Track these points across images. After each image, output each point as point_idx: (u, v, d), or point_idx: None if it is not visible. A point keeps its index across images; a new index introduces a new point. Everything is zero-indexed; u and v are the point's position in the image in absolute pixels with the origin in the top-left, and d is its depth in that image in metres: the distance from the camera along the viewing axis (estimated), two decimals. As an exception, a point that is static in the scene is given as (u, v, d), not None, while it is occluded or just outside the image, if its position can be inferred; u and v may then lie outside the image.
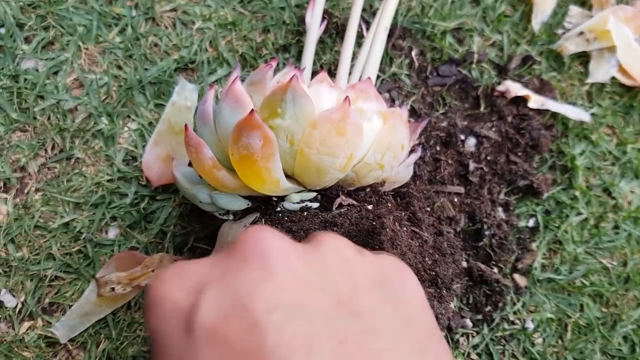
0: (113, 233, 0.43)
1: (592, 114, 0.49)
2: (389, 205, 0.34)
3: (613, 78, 0.51)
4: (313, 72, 0.43)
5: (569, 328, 0.43)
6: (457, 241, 0.37)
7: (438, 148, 0.46)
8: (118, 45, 0.47)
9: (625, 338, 0.44)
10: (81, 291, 0.41)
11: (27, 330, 0.40)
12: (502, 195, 0.46)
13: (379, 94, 0.35)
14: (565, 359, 0.42)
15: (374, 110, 0.34)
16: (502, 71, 0.50)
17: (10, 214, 0.42)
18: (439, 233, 0.36)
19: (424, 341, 0.20)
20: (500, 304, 0.43)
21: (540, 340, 0.43)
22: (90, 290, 0.41)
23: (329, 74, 0.38)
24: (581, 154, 0.48)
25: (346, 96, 0.30)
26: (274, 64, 0.35)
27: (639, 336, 0.43)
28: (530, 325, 0.43)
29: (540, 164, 0.48)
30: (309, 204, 0.34)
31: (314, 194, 0.34)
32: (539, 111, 0.48)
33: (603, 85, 0.51)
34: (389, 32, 0.42)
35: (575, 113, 0.48)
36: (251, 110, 0.29)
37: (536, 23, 0.52)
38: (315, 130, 0.30)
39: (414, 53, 0.50)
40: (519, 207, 0.46)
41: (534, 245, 0.45)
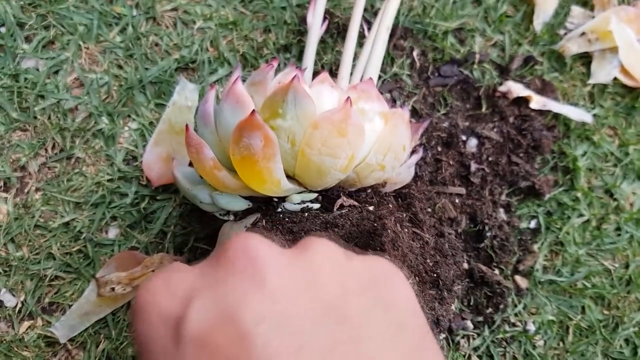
0: (113, 233, 0.43)
1: (594, 115, 0.49)
2: (390, 206, 0.34)
3: (615, 79, 0.50)
4: (314, 72, 0.42)
5: (571, 330, 0.43)
6: (459, 242, 0.37)
7: (439, 149, 0.46)
8: (119, 44, 0.47)
9: (626, 341, 0.43)
10: (81, 291, 0.41)
11: (27, 329, 0.40)
12: (504, 197, 0.46)
13: (380, 94, 0.35)
14: (567, 361, 0.42)
15: (376, 111, 0.34)
16: (504, 72, 0.50)
17: (11, 213, 0.42)
18: (440, 234, 0.36)
19: (416, 345, 0.20)
20: (501, 306, 0.43)
21: (541, 342, 0.43)
22: (90, 290, 0.41)
23: (330, 74, 0.38)
24: (583, 155, 0.48)
25: (348, 97, 0.30)
26: (275, 64, 0.35)
27: (640, 338, 0.43)
28: (531, 327, 0.43)
29: (542, 165, 0.48)
30: (309, 204, 0.34)
31: (315, 195, 0.34)
32: (541, 112, 0.48)
33: (605, 86, 0.51)
34: (390, 32, 0.42)
35: (577, 114, 0.48)
36: (252, 111, 0.29)
37: (538, 23, 0.52)
38: (317, 130, 0.30)
39: (415, 53, 0.50)
40: (521, 209, 0.46)
41: (536, 247, 0.45)
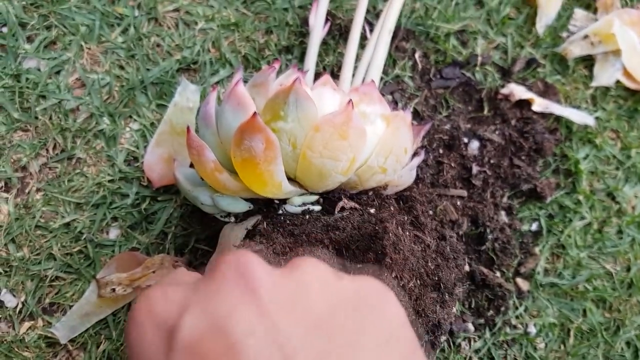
0: (114, 234, 0.43)
1: (597, 118, 0.49)
2: (392, 209, 0.34)
3: (618, 82, 0.50)
4: (316, 74, 0.42)
5: (572, 333, 0.43)
6: (460, 245, 0.37)
7: (441, 151, 0.46)
8: (120, 45, 0.47)
9: (628, 344, 0.43)
10: (82, 292, 0.41)
11: (28, 330, 0.40)
12: (505, 199, 0.46)
13: (382, 96, 0.35)
14: (568, 364, 0.42)
15: (377, 114, 0.33)
16: (506, 74, 0.50)
17: (11, 213, 0.42)
18: (442, 237, 0.36)
19: (405, 358, 0.20)
20: (502, 308, 0.42)
21: (542, 345, 0.43)
22: (90, 290, 0.41)
23: (331, 76, 0.37)
24: (585, 158, 0.48)
25: (349, 99, 0.30)
26: (277, 66, 0.35)
27: (641, 342, 0.43)
28: (532, 329, 0.43)
29: (544, 168, 0.47)
30: (311, 207, 0.34)
31: (316, 197, 0.34)
32: (543, 114, 0.48)
33: (607, 89, 0.50)
34: (392, 34, 0.42)
35: (579, 117, 0.48)
36: (254, 113, 0.29)
37: (540, 26, 0.52)
38: (318, 133, 0.30)
39: (417, 55, 0.49)
40: (522, 211, 0.46)
41: (537, 250, 0.45)
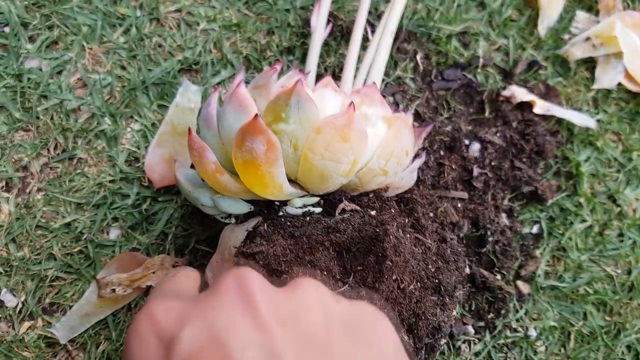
0: (114, 234, 0.43)
1: (598, 120, 0.49)
2: (393, 211, 0.34)
3: (619, 84, 0.50)
4: (317, 75, 0.42)
5: (572, 336, 0.43)
6: (461, 248, 0.37)
7: (442, 153, 0.46)
8: (122, 45, 0.47)
9: (628, 347, 0.43)
10: (82, 292, 0.41)
11: (27, 330, 0.40)
12: (506, 201, 0.46)
13: (383, 98, 0.35)
14: (568, 367, 0.42)
15: (379, 116, 0.33)
16: (508, 76, 0.50)
17: (12, 213, 0.42)
18: (443, 240, 0.36)
19: None
20: (502, 311, 0.42)
21: (542, 348, 0.43)
22: (90, 291, 0.41)
23: (332, 77, 0.37)
24: (586, 160, 0.48)
25: (351, 102, 0.30)
26: (278, 67, 0.35)
27: (642, 345, 0.43)
28: (532, 333, 0.43)
29: (545, 170, 0.47)
30: (311, 208, 0.34)
31: (316, 199, 0.34)
32: (544, 117, 0.48)
33: (609, 91, 0.50)
34: (394, 35, 0.42)
35: (580, 119, 0.48)
36: (255, 115, 0.29)
37: (542, 28, 0.52)
38: (320, 135, 0.30)
39: (418, 57, 0.49)
40: (523, 214, 0.46)
41: (538, 252, 0.45)
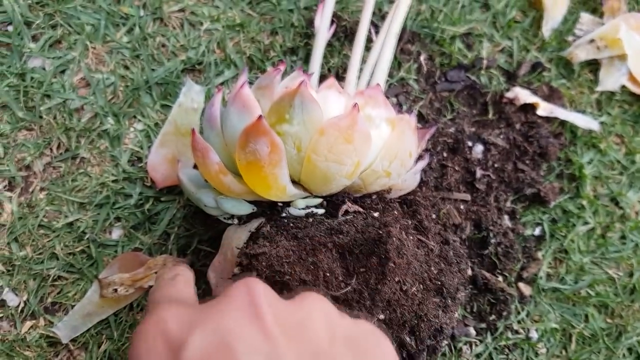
0: (117, 234, 0.43)
1: (601, 123, 0.49)
2: (396, 213, 0.34)
3: (623, 86, 0.50)
4: (321, 76, 0.42)
5: (574, 338, 0.43)
6: (463, 250, 0.37)
7: (445, 154, 0.45)
8: (125, 45, 0.47)
9: (630, 350, 0.43)
10: (84, 291, 0.41)
11: (29, 329, 0.40)
12: (509, 203, 0.46)
13: (387, 100, 0.35)
14: (569, 369, 0.42)
15: (383, 117, 0.33)
16: (511, 77, 0.50)
17: (15, 212, 0.42)
18: (445, 242, 0.36)
19: None
20: (504, 313, 0.42)
21: (544, 350, 0.43)
22: (92, 290, 0.41)
23: (336, 78, 0.37)
24: (589, 162, 0.48)
25: (355, 103, 0.30)
26: (282, 68, 0.35)
27: (644, 348, 0.43)
28: (534, 334, 0.43)
29: (548, 172, 0.47)
30: (314, 210, 0.34)
31: (319, 200, 0.34)
32: (548, 119, 0.48)
33: (613, 93, 0.50)
34: (398, 37, 0.42)
35: (584, 121, 0.48)
36: (259, 116, 0.29)
37: (546, 29, 0.51)
38: (323, 137, 0.30)
39: (422, 58, 0.49)
40: (526, 216, 0.46)
41: (540, 254, 0.45)
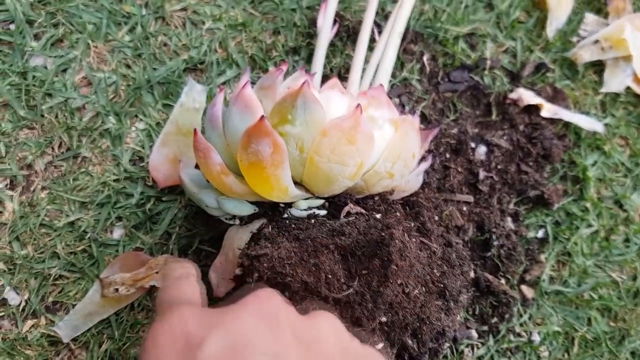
0: (118, 233, 0.43)
1: (606, 124, 0.48)
2: (398, 214, 0.34)
3: (628, 88, 0.50)
4: (323, 76, 0.42)
5: (576, 342, 0.43)
6: (466, 252, 0.37)
7: (448, 155, 0.45)
8: (127, 44, 0.47)
9: (633, 354, 0.43)
10: (85, 291, 0.41)
11: (30, 328, 0.40)
12: (512, 205, 0.45)
13: (390, 100, 0.35)
14: (572, 373, 0.42)
15: (386, 118, 0.33)
16: (515, 78, 0.49)
17: (16, 211, 0.42)
18: (448, 244, 0.36)
19: None
20: (506, 316, 0.42)
21: (546, 353, 0.42)
22: (94, 290, 0.41)
23: (338, 77, 0.37)
24: (593, 164, 0.48)
25: (358, 104, 0.30)
26: (284, 68, 0.34)
27: (647, 352, 0.43)
28: (536, 337, 0.42)
29: (551, 174, 0.47)
30: (316, 211, 0.33)
31: (321, 201, 0.34)
32: (552, 120, 0.48)
33: (617, 95, 0.50)
34: (401, 37, 0.42)
35: (588, 123, 0.48)
36: (261, 117, 0.28)
37: (551, 30, 0.51)
38: (326, 138, 0.30)
39: (425, 58, 0.49)
40: (529, 218, 0.46)
41: (543, 257, 0.45)
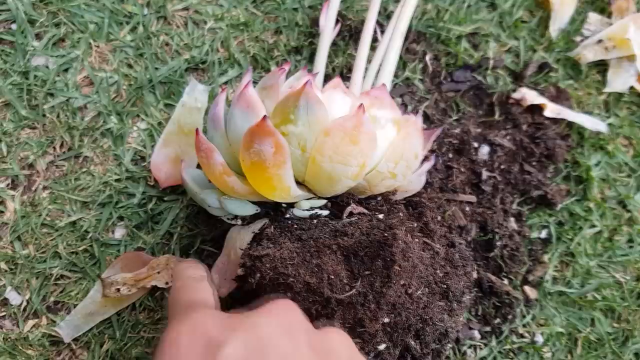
0: (120, 233, 0.43)
1: (609, 124, 0.48)
2: (401, 214, 0.34)
3: (631, 88, 0.50)
4: (325, 76, 0.42)
5: (579, 343, 0.42)
6: (469, 253, 0.36)
7: (450, 155, 0.45)
8: (129, 43, 0.47)
9: (636, 355, 0.43)
10: (86, 291, 0.41)
11: (32, 328, 0.40)
12: (515, 205, 0.45)
13: (393, 100, 0.34)
14: (575, 374, 0.42)
15: (388, 118, 0.33)
16: (518, 78, 0.49)
17: (18, 211, 0.42)
18: (451, 244, 0.36)
19: None
20: (509, 317, 0.42)
21: (549, 354, 0.42)
22: (95, 290, 0.41)
23: (340, 77, 0.37)
24: (596, 165, 0.47)
25: (360, 104, 0.30)
26: (286, 67, 0.34)
27: (651, 353, 0.43)
28: (539, 338, 0.42)
29: (555, 174, 0.47)
30: (319, 211, 0.33)
31: (324, 202, 0.34)
32: (555, 120, 0.47)
33: (621, 94, 0.50)
34: (404, 37, 0.41)
35: (591, 123, 0.47)
36: (264, 117, 0.28)
37: (554, 29, 0.51)
38: (328, 138, 0.30)
39: (428, 57, 0.49)
40: (532, 218, 0.45)
41: (546, 257, 0.44)
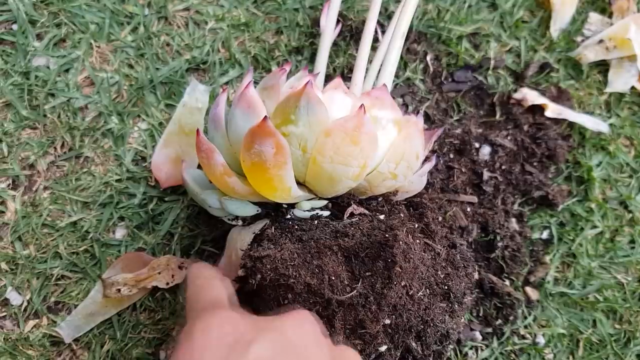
0: (120, 233, 0.42)
1: (610, 125, 0.48)
2: (402, 215, 0.33)
3: (632, 88, 0.49)
4: (326, 76, 0.42)
5: (581, 344, 0.42)
6: (470, 254, 0.36)
7: (452, 156, 0.45)
8: (130, 44, 0.47)
9: (638, 356, 0.43)
10: (87, 291, 0.41)
11: (32, 328, 0.40)
12: (516, 206, 0.45)
13: (393, 100, 0.34)
14: (576, 375, 0.42)
15: (389, 119, 0.33)
16: (519, 78, 0.49)
17: (18, 211, 0.42)
18: (452, 245, 0.35)
19: None
20: (510, 318, 0.42)
21: (550, 355, 0.42)
22: (96, 290, 0.40)
23: (341, 77, 0.37)
24: (598, 165, 0.47)
25: (361, 104, 0.30)
26: (287, 68, 0.34)
27: (652, 354, 0.43)
28: (541, 340, 0.42)
29: (556, 175, 0.47)
30: (319, 212, 0.33)
31: (325, 202, 0.34)
32: (556, 120, 0.47)
33: (622, 95, 0.50)
34: (404, 37, 0.41)
35: (592, 123, 0.47)
36: (264, 117, 0.28)
37: (555, 30, 0.51)
38: (329, 138, 0.30)
39: (428, 58, 0.49)
40: (533, 219, 0.45)
41: (547, 258, 0.44)
